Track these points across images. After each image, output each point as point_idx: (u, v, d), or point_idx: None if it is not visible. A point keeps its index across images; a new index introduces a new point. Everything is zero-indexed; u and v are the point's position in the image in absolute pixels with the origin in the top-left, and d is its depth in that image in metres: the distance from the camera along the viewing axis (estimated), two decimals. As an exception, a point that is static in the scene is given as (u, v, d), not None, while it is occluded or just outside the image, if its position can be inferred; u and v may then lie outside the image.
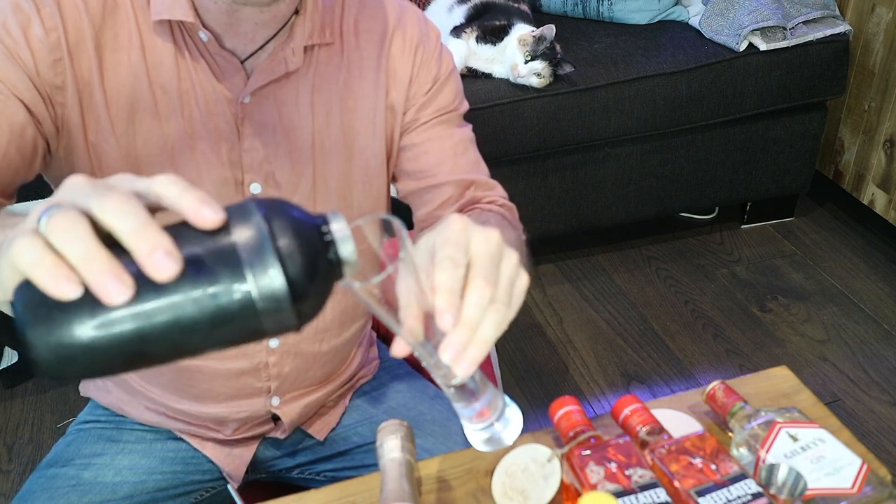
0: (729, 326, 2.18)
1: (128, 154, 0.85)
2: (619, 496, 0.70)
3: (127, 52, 0.82)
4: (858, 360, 2.07)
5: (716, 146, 2.28)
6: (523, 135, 2.04)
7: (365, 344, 1.13)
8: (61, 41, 0.79)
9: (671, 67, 2.10)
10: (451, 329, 0.56)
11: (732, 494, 0.71)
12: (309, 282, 0.46)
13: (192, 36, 0.83)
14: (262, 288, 0.44)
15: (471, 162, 1.00)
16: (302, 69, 0.88)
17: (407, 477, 0.76)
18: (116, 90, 0.83)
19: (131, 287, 0.41)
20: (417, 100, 0.96)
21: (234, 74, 0.85)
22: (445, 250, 0.57)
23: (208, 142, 0.86)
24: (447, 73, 0.97)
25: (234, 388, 1.00)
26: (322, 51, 0.90)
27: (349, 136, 0.93)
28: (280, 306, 0.45)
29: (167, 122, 0.85)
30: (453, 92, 0.99)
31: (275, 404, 1.02)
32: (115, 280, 0.40)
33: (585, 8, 2.34)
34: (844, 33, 2.22)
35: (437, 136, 0.97)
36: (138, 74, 0.83)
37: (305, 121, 0.89)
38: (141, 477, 1.02)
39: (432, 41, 0.96)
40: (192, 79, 0.84)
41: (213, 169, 0.87)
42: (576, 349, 2.12)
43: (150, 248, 0.41)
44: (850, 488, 0.75)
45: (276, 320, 0.46)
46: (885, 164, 2.38)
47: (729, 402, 0.84)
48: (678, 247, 2.49)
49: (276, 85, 0.87)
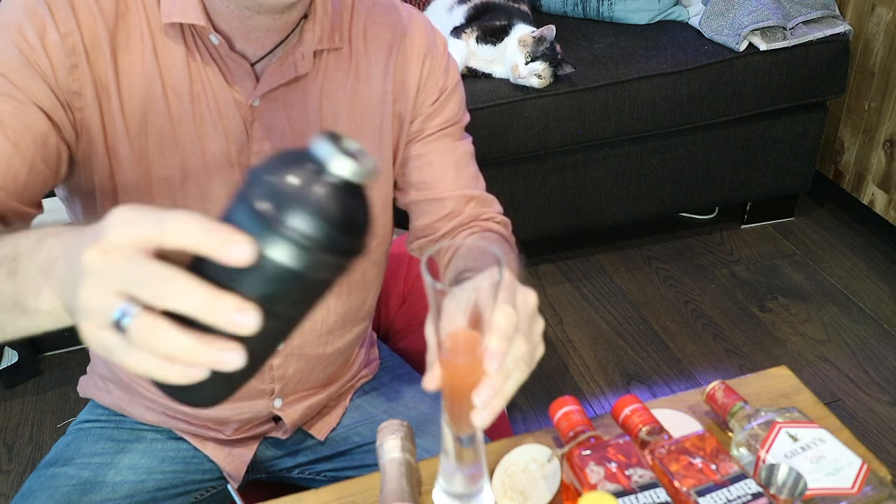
0: (729, 326, 2.18)
1: (140, 156, 0.85)
2: (619, 496, 0.70)
3: (140, 54, 0.82)
4: (858, 360, 2.07)
5: (716, 146, 2.28)
6: (523, 135, 2.04)
7: (366, 344, 1.14)
8: (77, 46, 0.79)
9: (671, 67, 2.10)
10: (492, 373, 0.59)
11: (732, 494, 0.71)
12: (343, 225, 0.47)
13: (203, 39, 0.83)
14: (317, 262, 0.46)
15: (471, 176, 1.01)
16: (311, 73, 0.88)
17: (407, 477, 0.76)
18: (130, 92, 0.83)
19: (239, 349, 0.46)
20: (424, 110, 0.96)
21: (245, 78, 0.85)
22: (505, 295, 0.60)
23: (218, 144, 0.86)
24: (453, 84, 0.98)
25: None
26: (331, 56, 0.90)
27: (357, 140, 0.92)
28: (338, 258, 0.47)
29: (178, 125, 0.85)
30: (458, 104, 0.99)
31: (277, 406, 1.03)
32: (223, 353, 0.45)
33: (585, 8, 2.34)
34: (844, 33, 2.22)
35: (442, 149, 0.98)
36: (151, 76, 0.83)
37: (313, 124, 0.90)
38: (141, 476, 1.02)
39: (440, 51, 0.97)
40: (204, 81, 0.84)
41: (223, 171, 0.87)
42: (576, 349, 2.12)
43: (227, 316, 0.45)
44: (850, 488, 0.75)
45: (343, 259, 0.47)
46: (885, 164, 2.38)
47: (729, 402, 0.84)
48: (678, 247, 2.49)
49: (286, 88, 0.87)
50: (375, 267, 1.02)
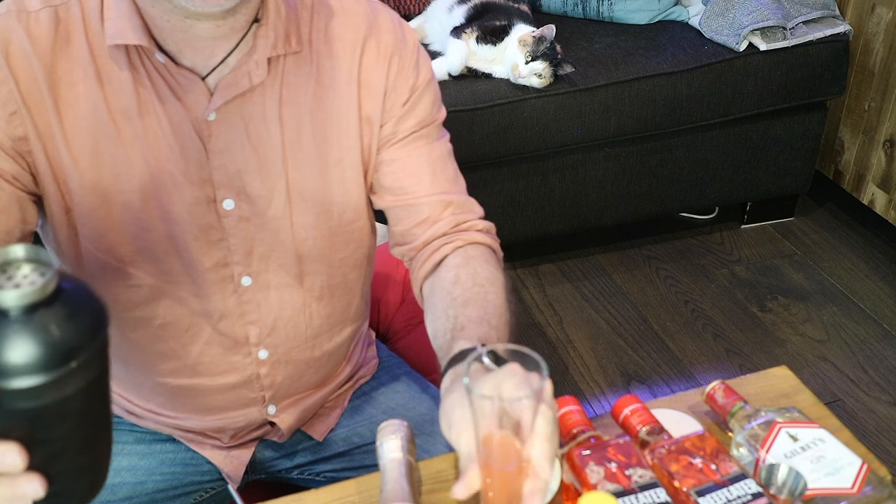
0: (729, 326, 2.18)
1: (95, 186, 0.84)
2: (619, 496, 0.70)
3: (83, 84, 0.81)
4: (858, 360, 2.07)
5: (716, 146, 2.28)
6: (523, 135, 2.04)
7: (363, 344, 1.13)
8: (13, 93, 0.78)
9: (671, 67, 2.10)
10: (543, 476, 0.67)
11: (732, 494, 0.71)
12: (33, 351, 0.48)
13: (149, 58, 0.81)
14: (31, 393, 0.48)
15: (449, 179, 0.97)
16: (268, 81, 0.85)
17: (407, 477, 0.76)
18: (76, 124, 0.81)
19: (33, 479, 0.53)
20: (395, 112, 0.92)
21: (197, 93, 0.82)
22: (550, 414, 0.69)
23: (175, 164, 0.84)
24: (425, 82, 0.93)
25: (228, 400, 0.99)
26: (289, 60, 0.86)
27: (323, 147, 0.90)
28: (54, 375, 0.49)
29: (132, 148, 0.83)
30: (431, 102, 0.95)
31: (271, 413, 1.02)
32: (19, 487, 0.53)
33: (585, 8, 2.34)
34: (844, 33, 2.22)
35: (416, 153, 0.94)
36: (97, 105, 0.81)
37: (274, 134, 0.87)
38: (140, 478, 1.01)
39: (409, 48, 0.92)
40: (153, 102, 0.82)
41: (184, 189, 0.86)
42: (576, 349, 2.12)
43: None
44: (850, 488, 0.75)
45: (61, 372, 0.49)
46: (885, 164, 2.38)
47: (729, 402, 0.84)
48: (678, 247, 2.48)
49: (242, 99, 0.84)
50: (356, 270, 1.00)
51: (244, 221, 0.89)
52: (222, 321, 0.93)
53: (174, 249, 0.89)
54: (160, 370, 0.96)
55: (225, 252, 0.90)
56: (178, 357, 0.95)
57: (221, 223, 0.88)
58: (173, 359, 0.95)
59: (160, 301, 0.91)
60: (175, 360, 0.95)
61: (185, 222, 0.87)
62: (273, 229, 0.90)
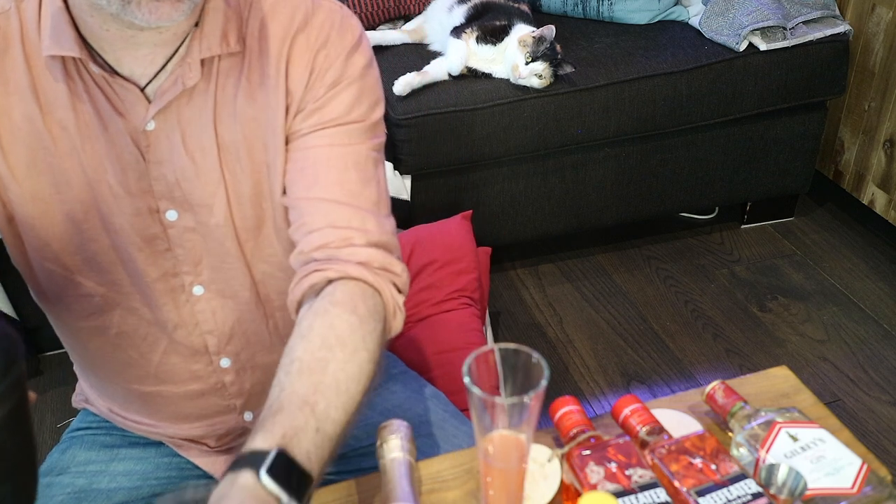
0: (729, 326, 2.18)
1: (34, 197, 0.83)
2: (619, 496, 0.70)
3: (18, 94, 0.80)
4: (858, 360, 2.07)
5: (716, 146, 2.28)
6: (523, 135, 2.04)
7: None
8: None
9: (671, 67, 2.10)
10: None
11: (732, 494, 0.71)
12: None
13: (86, 68, 0.79)
14: None
15: (349, 188, 0.84)
16: (202, 85, 0.82)
17: (408, 477, 0.76)
18: (13, 134, 0.80)
19: None
20: (307, 105, 0.85)
21: (135, 102, 0.81)
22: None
23: (114, 175, 0.83)
24: (352, 78, 0.85)
25: (200, 407, 0.98)
26: (224, 62, 0.83)
27: (256, 149, 0.86)
28: None
29: (69, 159, 0.82)
30: (353, 99, 0.85)
31: (248, 420, 1.01)
32: None
33: (585, 8, 2.34)
34: (844, 33, 2.22)
35: (314, 151, 0.84)
36: (32, 116, 0.80)
37: (210, 139, 0.84)
38: (136, 483, 1.01)
39: (346, 41, 0.85)
40: (89, 113, 0.81)
41: (124, 201, 0.85)
42: (576, 349, 2.12)
43: None
44: (850, 488, 0.75)
45: None
46: (885, 164, 2.38)
47: (729, 402, 0.84)
48: (678, 247, 2.48)
49: (178, 105, 0.82)
50: None
51: (189, 231, 0.87)
52: (177, 331, 0.92)
53: (119, 260, 0.88)
54: (126, 377, 0.96)
55: (173, 262, 0.89)
56: (140, 365, 0.94)
57: (167, 234, 0.87)
58: (135, 366, 0.95)
59: (113, 311, 0.90)
60: (137, 367, 0.95)
61: (127, 233, 0.86)
62: (218, 238, 0.88)
